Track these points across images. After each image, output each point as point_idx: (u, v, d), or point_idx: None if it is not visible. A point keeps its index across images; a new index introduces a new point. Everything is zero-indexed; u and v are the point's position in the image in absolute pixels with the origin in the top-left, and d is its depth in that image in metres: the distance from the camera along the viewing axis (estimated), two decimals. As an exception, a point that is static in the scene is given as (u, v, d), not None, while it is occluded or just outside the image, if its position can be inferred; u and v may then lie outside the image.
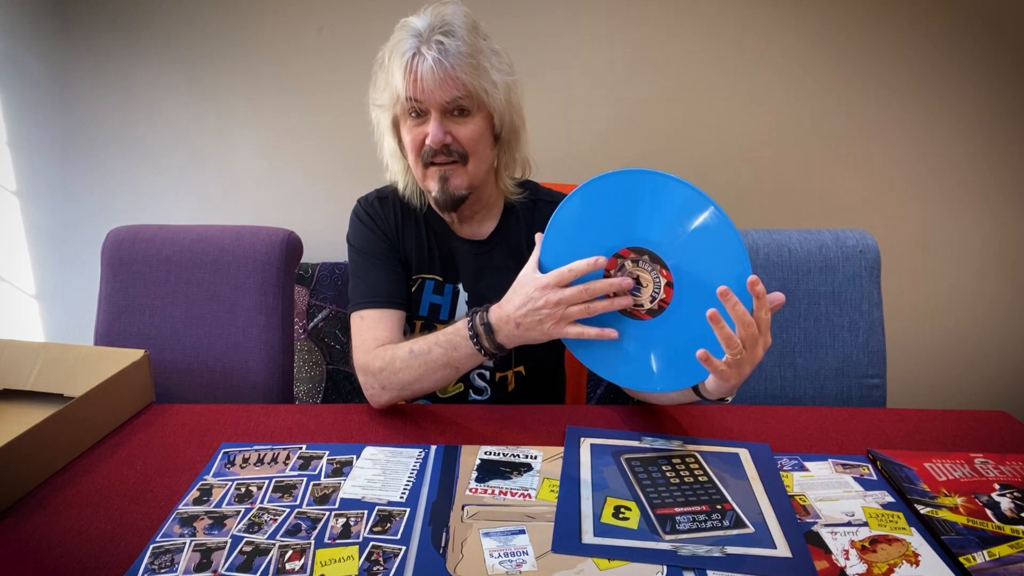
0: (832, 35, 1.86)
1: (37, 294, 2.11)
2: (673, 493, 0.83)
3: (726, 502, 0.81)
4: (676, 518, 0.79)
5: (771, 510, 0.79)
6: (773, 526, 0.77)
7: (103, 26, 1.87)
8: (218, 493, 0.82)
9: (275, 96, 1.92)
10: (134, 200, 2.01)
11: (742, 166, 1.97)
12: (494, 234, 1.14)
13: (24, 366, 1.08)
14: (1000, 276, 2.05)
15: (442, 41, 0.95)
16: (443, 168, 1.02)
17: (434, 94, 0.96)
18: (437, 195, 1.04)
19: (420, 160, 1.02)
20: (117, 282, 1.35)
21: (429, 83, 0.95)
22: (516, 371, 1.15)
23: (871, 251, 1.29)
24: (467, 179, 1.03)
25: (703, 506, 0.81)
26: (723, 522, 0.78)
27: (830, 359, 1.28)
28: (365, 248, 1.12)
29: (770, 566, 0.71)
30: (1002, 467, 0.87)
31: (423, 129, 1.00)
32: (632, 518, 0.79)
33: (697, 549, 0.73)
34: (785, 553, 0.72)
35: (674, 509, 0.80)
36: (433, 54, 0.95)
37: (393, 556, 0.71)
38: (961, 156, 1.96)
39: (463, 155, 1.01)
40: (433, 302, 1.13)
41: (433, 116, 0.98)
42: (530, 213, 1.15)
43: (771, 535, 0.75)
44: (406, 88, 0.97)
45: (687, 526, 0.77)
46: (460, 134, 1.00)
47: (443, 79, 0.95)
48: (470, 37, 0.98)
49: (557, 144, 1.92)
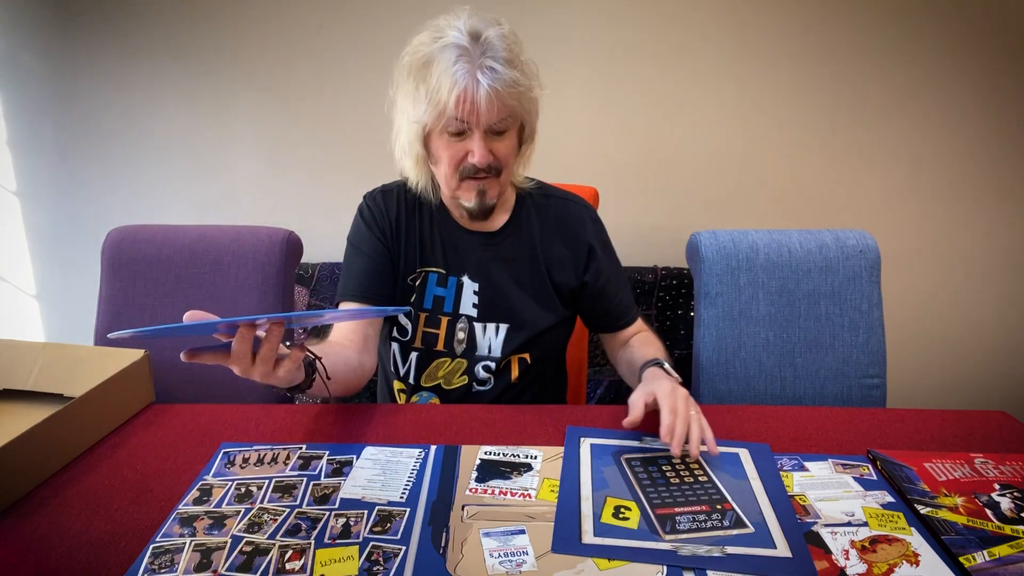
0: (832, 36, 1.86)
1: (37, 294, 2.12)
2: (673, 493, 0.83)
3: (726, 502, 0.81)
4: (676, 518, 0.78)
5: (771, 510, 0.79)
6: (773, 526, 0.77)
7: (103, 26, 1.87)
8: (218, 493, 0.82)
9: (275, 96, 1.92)
10: (134, 200, 2.01)
11: (742, 166, 1.97)
12: (506, 226, 1.15)
13: (24, 366, 1.08)
14: (1000, 276, 2.06)
15: (495, 68, 0.96)
16: (481, 183, 1.04)
17: (484, 117, 0.98)
18: (474, 207, 1.06)
19: (457, 175, 1.04)
20: (117, 282, 1.35)
21: (483, 108, 0.97)
22: (521, 357, 1.15)
23: (871, 251, 1.29)
24: (499, 189, 1.07)
25: (703, 506, 0.81)
26: (723, 522, 0.78)
27: (830, 359, 1.28)
28: (354, 241, 1.15)
29: (770, 566, 0.71)
30: (1002, 467, 0.87)
31: (464, 146, 1.01)
32: (632, 518, 0.79)
33: (697, 549, 0.73)
34: (785, 553, 0.72)
35: (674, 509, 0.80)
36: (487, 80, 0.95)
37: (393, 556, 0.71)
38: (961, 156, 1.96)
39: (499, 169, 1.04)
40: (437, 295, 1.14)
41: (477, 136, 0.99)
42: (543, 207, 1.17)
43: (771, 535, 0.75)
44: (458, 110, 0.97)
45: (687, 526, 0.77)
46: (499, 151, 1.03)
47: (496, 105, 0.97)
48: (516, 59, 0.99)
49: (558, 144, 1.92)
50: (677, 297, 1.93)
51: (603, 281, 1.17)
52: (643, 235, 1.99)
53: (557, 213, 1.17)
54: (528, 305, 1.14)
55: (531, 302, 1.14)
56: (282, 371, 0.80)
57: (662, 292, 1.94)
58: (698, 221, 1.86)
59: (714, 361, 1.29)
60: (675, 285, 1.93)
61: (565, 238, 1.16)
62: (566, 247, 1.16)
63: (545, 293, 1.15)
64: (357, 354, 1.06)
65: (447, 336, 1.14)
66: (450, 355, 1.14)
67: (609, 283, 1.18)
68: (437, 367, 1.15)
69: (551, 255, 1.15)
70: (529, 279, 1.15)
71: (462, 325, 1.13)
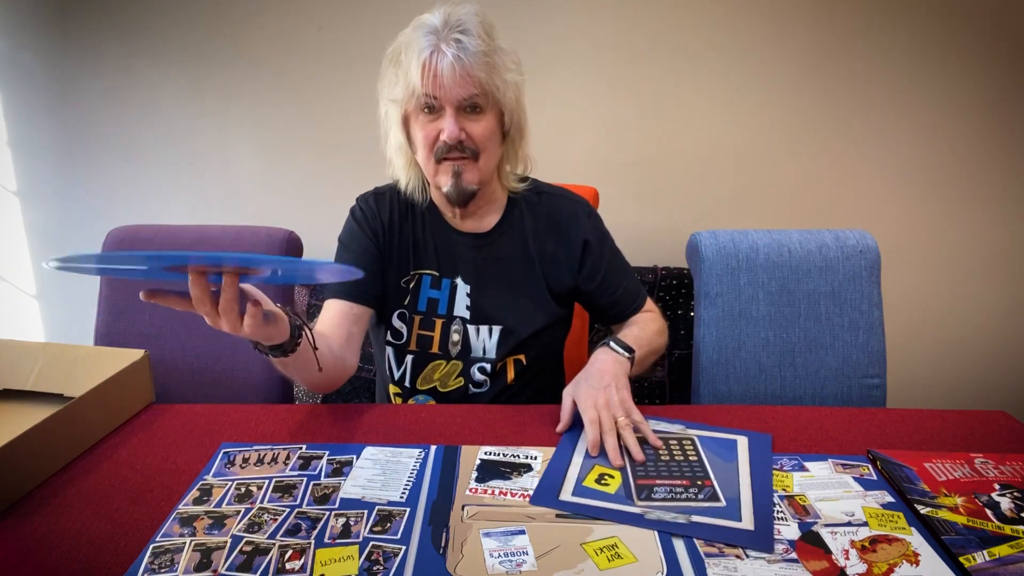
0: (832, 35, 1.86)
1: (37, 294, 2.11)
2: (659, 468, 0.87)
3: (707, 479, 0.85)
4: (654, 488, 0.82)
5: (748, 490, 0.82)
6: (745, 503, 0.80)
7: (103, 26, 1.87)
8: (218, 493, 0.82)
9: (275, 96, 1.92)
10: (134, 200, 2.01)
11: (742, 166, 1.97)
12: (497, 226, 1.15)
13: (24, 366, 1.08)
14: (1000, 276, 2.05)
15: (460, 39, 0.97)
16: (456, 163, 1.03)
17: (451, 91, 0.98)
18: (450, 190, 1.05)
19: (432, 155, 1.03)
20: (117, 282, 1.35)
21: (447, 80, 0.97)
22: (517, 359, 1.15)
23: (871, 251, 1.29)
24: (478, 175, 1.05)
25: (684, 480, 0.84)
26: (698, 496, 0.81)
27: (830, 359, 1.28)
28: (345, 241, 1.16)
29: (729, 535, 0.74)
30: (1002, 467, 0.87)
31: (437, 125, 1.01)
32: (612, 485, 0.83)
33: (664, 515, 0.77)
34: (748, 526, 0.75)
35: (655, 481, 0.84)
36: (452, 51, 0.96)
37: (393, 556, 0.71)
38: (961, 156, 1.96)
39: (475, 152, 1.03)
40: (431, 296, 1.14)
41: (448, 112, 1.00)
42: (535, 205, 1.16)
43: (740, 510, 0.78)
44: (424, 84, 0.98)
45: (662, 496, 0.81)
46: (473, 131, 1.02)
47: (461, 76, 0.97)
48: (486, 36, 1.00)
49: (558, 144, 1.92)
50: (677, 297, 1.93)
51: (602, 274, 1.17)
52: (643, 235, 1.99)
53: (549, 211, 1.16)
54: (521, 306, 1.14)
55: (524, 303, 1.14)
56: (247, 325, 0.77)
57: (662, 292, 1.94)
58: (698, 221, 1.86)
59: (714, 361, 1.29)
60: (675, 285, 1.93)
61: (558, 236, 1.15)
62: (560, 245, 1.15)
63: (539, 293, 1.14)
64: (339, 347, 1.05)
65: (442, 338, 1.13)
66: (445, 357, 1.14)
67: (610, 275, 1.17)
68: (433, 370, 1.15)
69: (545, 254, 1.15)
70: (522, 280, 1.14)
71: (456, 327, 1.13)
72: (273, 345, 0.87)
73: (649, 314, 1.21)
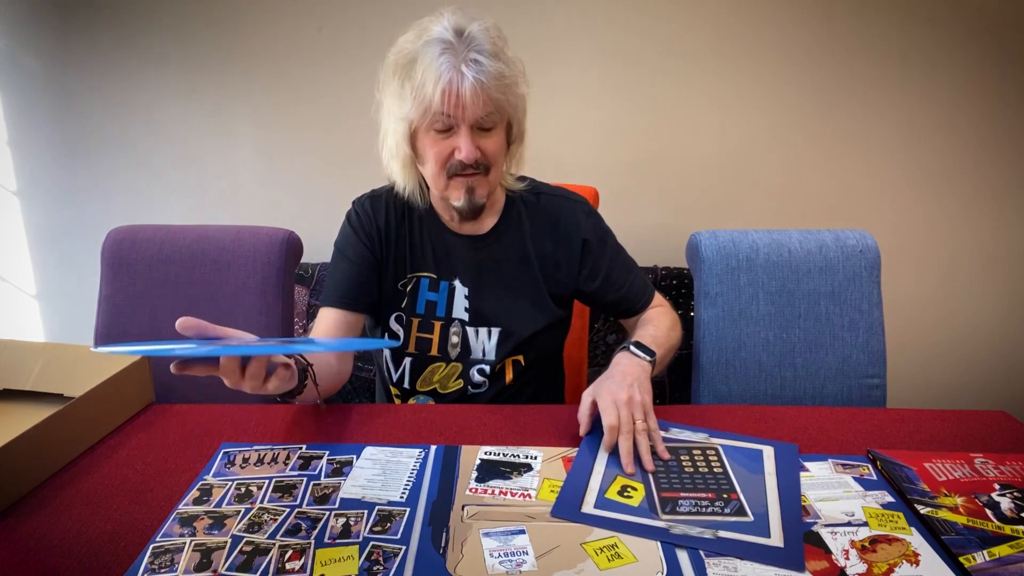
0: (832, 35, 1.86)
1: (37, 294, 2.12)
2: (683, 480, 0.84)
3: (733, 492, 0.82)
4: (679, 501, 0.80)
5: (776, 504, 0.80)
6: (774, 518, 0.77)
7: (103, 26, 1.87)
8: (218, 493, 0.82)
9: (275, 96, 1.92)
10: (134, 200, 2.01)
11: (743, 166, 1.97)
12: (495, 228, 1.14)
13: (24, 366, 1.08)
14: (1000, 276, 2.05)
15: (479, 60, 0.96)
16: (469, 179, 1.03)
17: (470, 112, 0.97)
18: (463, 205, 1.05)
19: (444, 172, 1.03)
20: (117, 282, 1.35)
21: (468, 102, 0.96)
22: (515, 360, 1.15)
23: (871, 251, 1.29)
24: (488, 187, 1.06)
25: (710, 493, 0.81)
26: (724, 509, 0.79)
27: (830, 359, 1.28)
28: (341, 247, 1.15)
29: (758, 552, 0.71)
30: (1002, 467, 0.87)
31: (451, 143, 1.00)
32: (636, 497, 0.81)
33: (690, 530, 0.74)
34: (778, 543, 0.73)
35: (679, 493, 0.81)
36: (472, 73, 0.95)
37: (393, 556, 0.71)
38: (961, 156, 1.96)
39: (487, 167, 1.03)
40: (429, 299, 1.13)
41: (464, 132, 0.99)
42: (533, 206, 1.16)
43: (769, 526, 0.76)
44: (443, 104, 0.96)
45: (687, 509, 0.78)
46: (487, 147, 1.02)
47: (482, 99, 0.97)
48: (501, 54, 0.99)
49: (558, 144, 1.92)
50: (677, 297, 1.93)
51: (604, 273, 1.16)
52: (643, 235, 1.98)
53: (547, 212, 1.16)
54: (519, 308, 1.13)
55: (523, 305, 1.13)
56: (272, 385, 0.83)
57: (662, 292, 1.93)
58: (698, 221, 1.86)
59: (714, 361, 1.29)
60: (675, 285, 1.93)
61: (557, 237, 1.15)
62: (559, 246, 1.15)
63: (538, 295, 1.14)
64: (337, 360, 1.08)
65: (441, 341, 1.13)
66: (445, 360, 1.14)
67: (613, 272, 1.17)
68: (432, 372, 1.14)
69: (543, 255, 1.14)
70: (520, 281, 1.14)
71: (455, 329, 1.13)
72: (283, 392, 0.90)
73: (660, 309, 1.21)
